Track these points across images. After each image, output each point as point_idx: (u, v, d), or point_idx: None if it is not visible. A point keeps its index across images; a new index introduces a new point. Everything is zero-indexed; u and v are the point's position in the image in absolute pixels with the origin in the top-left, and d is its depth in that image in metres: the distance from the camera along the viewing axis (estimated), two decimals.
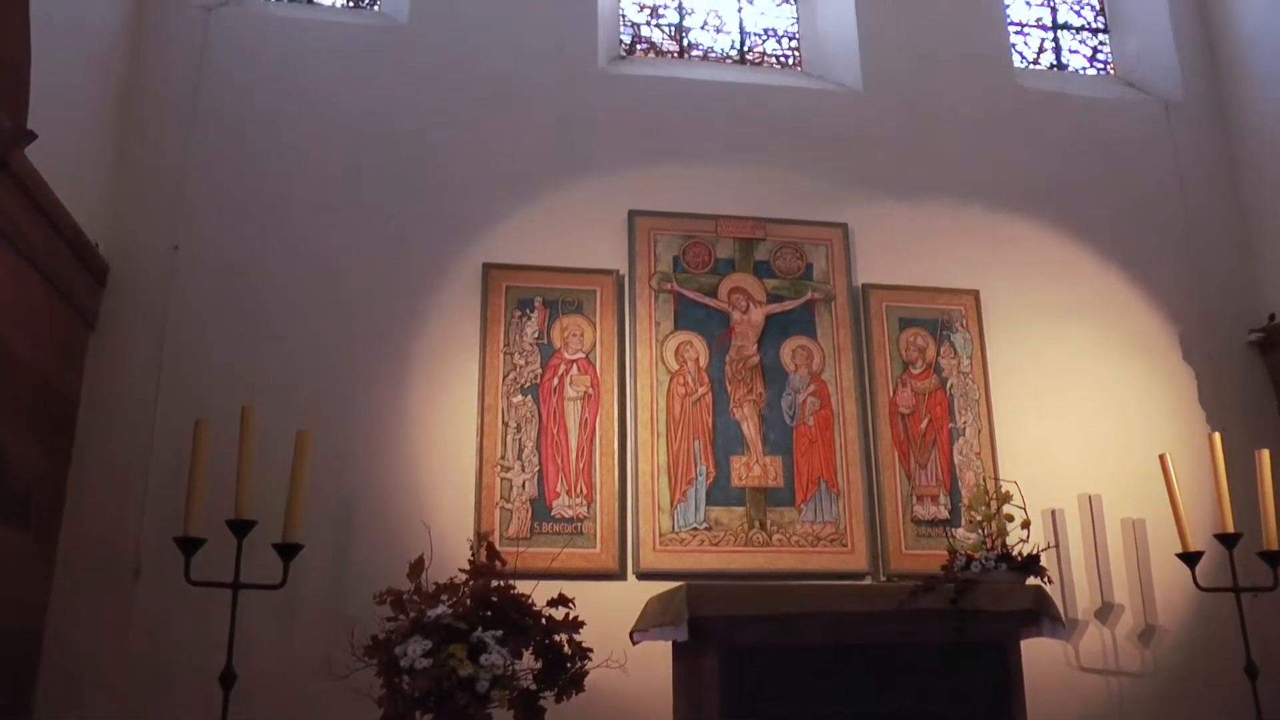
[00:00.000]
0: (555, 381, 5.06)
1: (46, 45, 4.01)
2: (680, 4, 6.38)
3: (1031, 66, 6.63)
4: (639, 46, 6.21)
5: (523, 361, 5.05)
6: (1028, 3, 6.84)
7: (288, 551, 4.29)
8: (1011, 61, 6.34)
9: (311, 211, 5.13)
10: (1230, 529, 4.86)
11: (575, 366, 5.10)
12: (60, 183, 4.13)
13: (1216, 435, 5.05)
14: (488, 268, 5.14)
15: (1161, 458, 5.00)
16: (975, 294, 5.55)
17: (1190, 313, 5.82)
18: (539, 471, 4.91)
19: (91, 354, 4.73)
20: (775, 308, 5.36)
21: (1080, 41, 6.84)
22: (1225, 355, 5.77)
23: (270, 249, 5.04)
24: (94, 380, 4.69)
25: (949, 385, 5.40)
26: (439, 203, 5.25)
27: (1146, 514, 5.27)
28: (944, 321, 5.50)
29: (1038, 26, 6.79)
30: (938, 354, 5.44)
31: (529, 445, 4.94)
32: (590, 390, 5.07)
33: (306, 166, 5.20)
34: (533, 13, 5.69)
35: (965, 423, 5.35)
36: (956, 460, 5.29)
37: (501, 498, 4.84)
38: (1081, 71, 6.74)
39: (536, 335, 5.10)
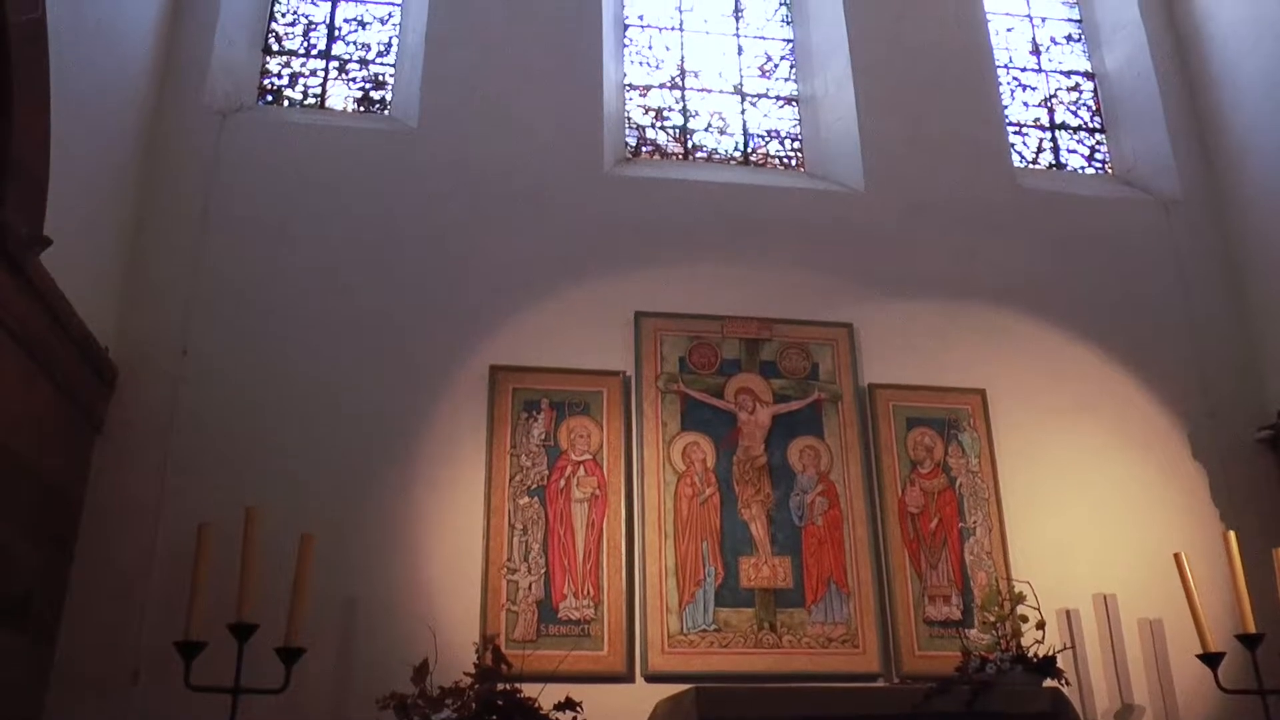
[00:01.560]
0: (562, 483, 5.03)
1: (65, 152, 4.10)
2: (684, 107, 6.52)
3: (1031, 166, 6.74)
4: (644, 149, 6.33)
5: (529, 463, 5.03)
6: (1025, 104, 6.99)
7: (290, 655, 4.22)
8: (1011, 161, 6.44)
9: (319, 314, 5.17)
10: (1252, 629, 4.77)
11: (582, 468, 5.08)
12: (72, 286, 4.18)
13: (1231, 534, 4.99)
14: (494, 369, 5.16)
15: (1177, 557, 4.93)
16: (981, 393, 5.54)
17: (1199, 410, 5.81)
18: (545, 573, 4.85)
19: (97, 456, 4.72)
20: (782, 408, 5.36)
21: (1078, 141, 6.95)
22: (1235, 452, 5.73)
23: (277, 351, 5.07)
24: (98, 482, 4.68)
25: (958, 484, 5.36)
26: (446, 305, 5.30)
27: (1164, 614, 5.18)
28: (951, 421, 5.48)
29: (1035, 127, 6.92)
30: (945, 453, 5.42)
31: (535, 547, 4.89)
32: (597, 491, 5.04)
33: (315, 270, 5.26)
34: (540, 117, 5.81)
35: (975, 522, 5.30)
36: (968, 560, 5.22)
37: (507, 600, 4.77)
38: (1080, 171, 6.84)
39: (543, 437, 5.09)
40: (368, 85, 6.16)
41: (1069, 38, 7.33)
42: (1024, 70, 7.11)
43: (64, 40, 4.08)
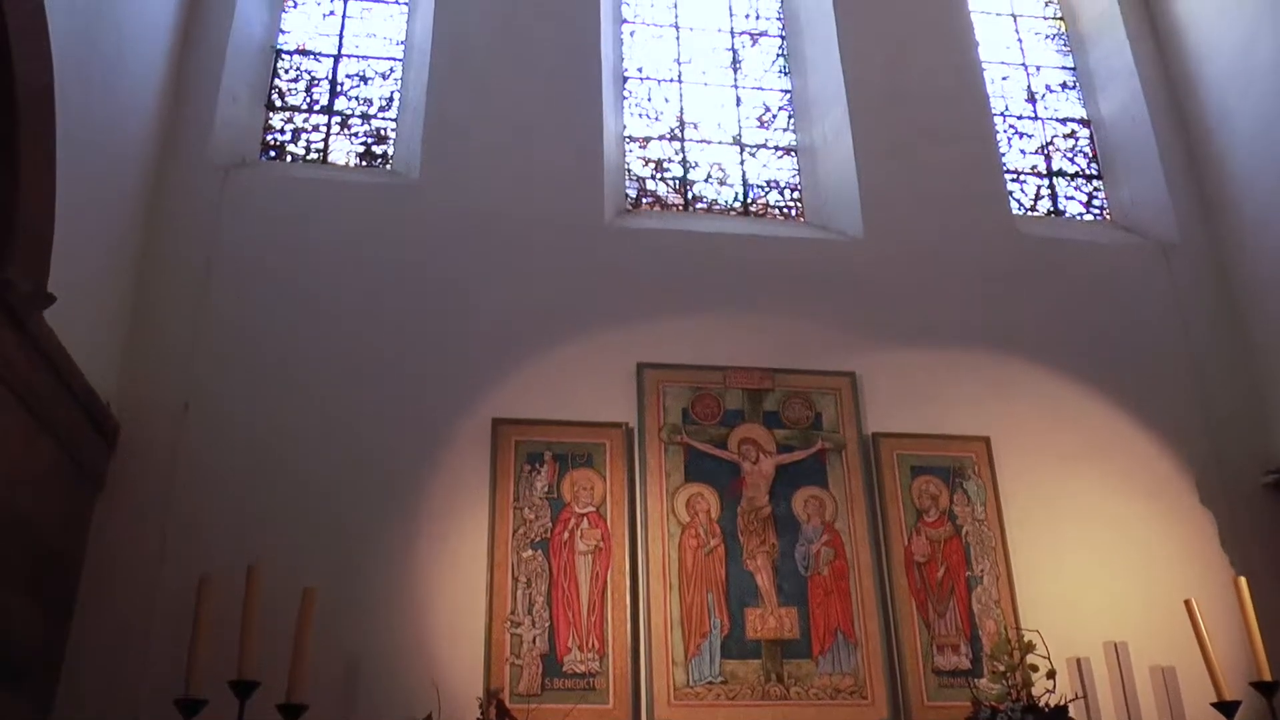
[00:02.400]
0: (566, 535, 5.00)
1: (70, 208, 4.12)
2: (684, 158, 6.57)
3: (1029, 213, 6.77)
4: (644, 200, 6.37)
5: (533, 516, 5.01)
6: (1022, 151, 7.04)
7: (292, 712, 4.16)
8: (1010, 208, 6.48)
9: (321, 368, 5.17)
10: (1267, 676, 4.70)
11: (586, 520, 5.05)
12: (76, 342, 4.19)
13: (1242, 580, 4.94)
14: (497, 422, 5.15)
15: (1188, 603, 4.87)
16: (985, 440, 5.52)
17: (1205, 455, 5.79)
18: (550, 626, 4.81)
19: (97, 514, 4.69)
20: (785, 458, 5.34)
21: (1075, 188, 7.00)
22: (1243, 497, 5.70)
23: (280, 406, 5.06)
24: (98, 540, 4.65)
25: (964, 533, 5.33)
26: (448, 358, 5.30)
27: (1176, 661, 5.11)
28: (956, 469, 5.46)
29: (1033, 174, 6.97)
30: (951, 501, 5.39)
31: (539, 600, 4.85)
32: (601, 544, 5.01)
33: (317, 324, 5.27)
34: (540, 168, 5.85)
35: (983, 570, 5.26)
36: (976, 609, 5.17)
37: (511, 653, 4.72)
38: (1079, 217, 6.87)
39: (546, 489, 5.07)
40: (369, 140, 6.22)
41: (1064, 85, 7.40)
42: (1020, 118, 7.18)
43: (70, 99, 4.13)
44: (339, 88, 6.36)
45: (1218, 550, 5.57)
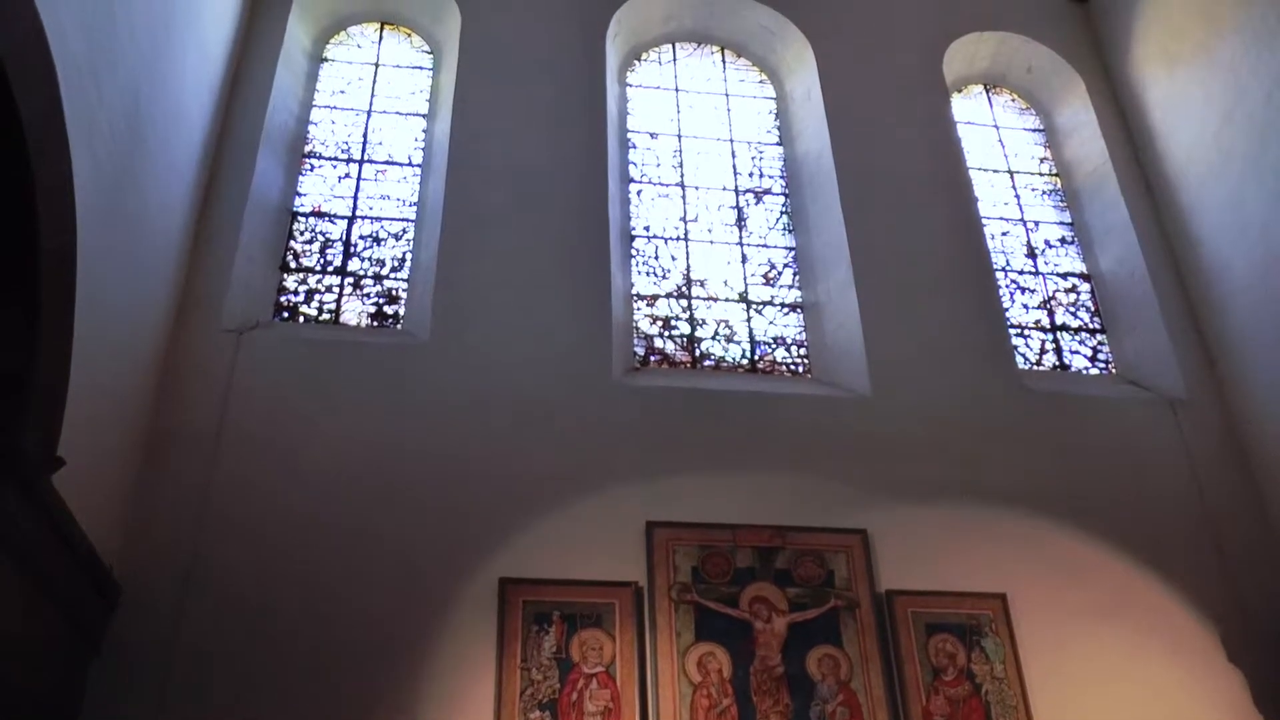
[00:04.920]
0: (575, 697, 4.88)
1: (83, 372, 4.15)
2: (691, 315, 6.64)
3: (1035, 367, 6.80)
4: (652, 358, 6.41)
5: (540, 677, 4.89)
6: (1025, 306, 7.12)
7: None
8: (1015, 363, 6.51)
9: (327, 529, 5.13)
10: None
11: (595, 681, 4.93)
12: (81, 505, 4.16)
13: None
14: (504, 582, 5.08)
15: None
16: (1002, 597, 5.43)
17: (1227, 609, 5.68)
18: None
19: (93, 679, 4.58)
20: (798, 616, 5.25)
21: (1080, 342, 7.05)
22: (1273, 652, 5.55)
23: (282, 570, 5.00)
24: (93, 704, 4.52)
25: (984, 692, 5.19)
26: (456, 518, 5.26)
27: None
28: (972, 626, 5.35)
29: (1037, 328, 7.03)
30: (969, 660, 5.26)
31: None
32: (611, 705, 4.88)
33: (324, 486, 5.25)
34: (548, 328, 5.93)
35: None
36: None
37: None
38: (1084, 371, 6.90)
39: (555, 650, 4.97)
40: (381, 300, 6.31)
41: (1062, 240, 7.54)
42: (1021, 273, 7.28)
43: (91, 264, 4.19)
44: (353, 249, 6.49)
45: (1251, 709, 5.39)
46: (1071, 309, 7.20)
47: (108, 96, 4.33)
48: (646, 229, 6.99)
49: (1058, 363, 6.90)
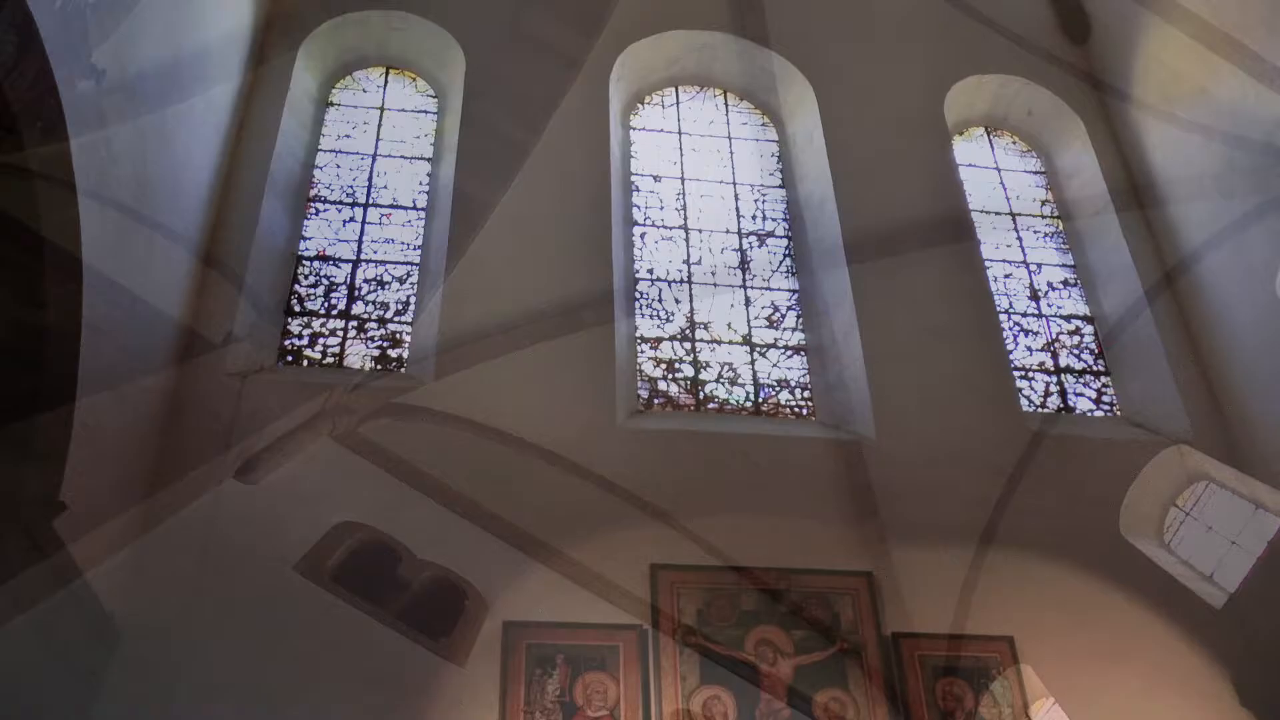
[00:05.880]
0: None
1: (87, 412, 4.15)
2: (695, 358, 6.64)
3: (1040, 410, 6.77)
4: (656, 401, 6.40)
5: None
6: (1029, 349, 7.11)
7: None
8: (1019, 405, 6.49)
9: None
10: None
11: None
12: (82, 550, 4.15)
13: None
14: (508, 625, 5.06)
15: None
16: (1009, 640, 5.39)
17: (1238, 651, 5.61)
18: None
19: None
20: (804, 659, 5.21)
21: (1084, 384, 7.02)
22: None
23: (285, 612, 4.97)
24: None
25: None
26: (460, 562, 5.23)
27: None
28: (980, 669, 5.30)
29: (1041, 371, 7.01)
30: (977, 702, 5.22)
31: None
32: None
33: (325, 528, 5.21)
34: (552, 372, 5.93)
35: None
36: None
37: None
38: (1090, 414, 6.87)
39: (558, 693, 4.93)
40: (385, 344, 6.32)
41: (1065, 283, 7.55)
42: (1025, 315, 7.28)
43: (96, 310, 4.20)
44: (357, 292, 6.51)
45: None
46: (1075, 351, 7.19)
47: (115, 146, 4.37)
48: (650, 271, 7.01)
49: (1062, 405, 6.87)
